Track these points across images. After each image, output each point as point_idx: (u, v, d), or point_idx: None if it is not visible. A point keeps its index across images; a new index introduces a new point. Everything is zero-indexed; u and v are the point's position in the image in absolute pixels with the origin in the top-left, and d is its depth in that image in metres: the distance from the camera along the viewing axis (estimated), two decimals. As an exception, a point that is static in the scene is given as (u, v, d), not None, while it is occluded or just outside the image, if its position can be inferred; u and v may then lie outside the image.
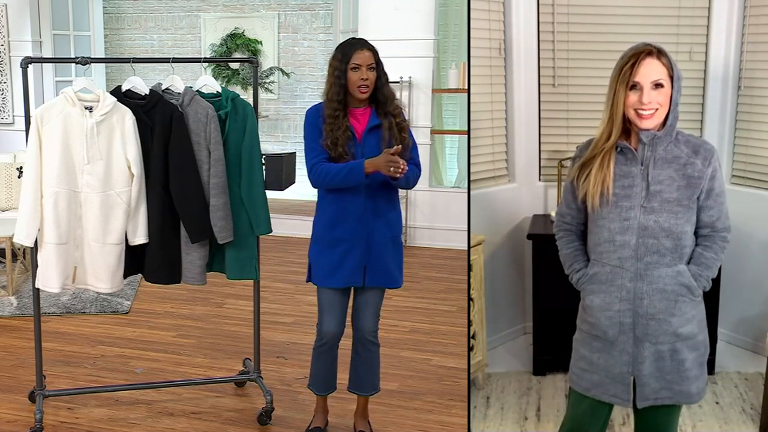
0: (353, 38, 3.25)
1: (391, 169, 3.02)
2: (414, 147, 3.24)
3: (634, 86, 2.36)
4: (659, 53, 2.37)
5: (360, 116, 3.20)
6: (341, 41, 3.27)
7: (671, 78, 2.37)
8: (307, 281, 3.35)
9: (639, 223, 2.41)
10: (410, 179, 3.17)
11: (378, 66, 3.16)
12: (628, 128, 2.45)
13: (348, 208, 3.18)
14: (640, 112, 2.37)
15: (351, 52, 3.13)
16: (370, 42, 3.18)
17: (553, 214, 4.18)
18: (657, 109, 2.37)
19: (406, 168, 3.06)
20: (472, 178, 4.16)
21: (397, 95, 3.30)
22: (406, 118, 3.26)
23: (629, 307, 2.46)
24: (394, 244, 3.27)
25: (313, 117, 3.20)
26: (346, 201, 3.18)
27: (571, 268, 2.61)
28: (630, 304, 2.46)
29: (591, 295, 2.53)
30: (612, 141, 2.43)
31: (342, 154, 3.13)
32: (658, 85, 2.35)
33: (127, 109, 3.38)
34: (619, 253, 2.45)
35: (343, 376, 3.48)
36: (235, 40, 10.63)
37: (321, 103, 3.22)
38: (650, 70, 2.35)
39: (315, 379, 3.45)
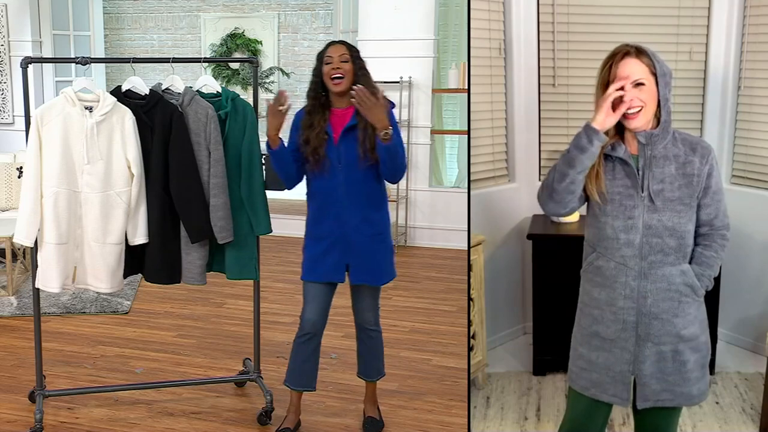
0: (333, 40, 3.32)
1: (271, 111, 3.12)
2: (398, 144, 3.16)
3: None
4: (638, 52, 2.37)
5: (341, 117, 3.21)
6: None
7: (654, 75, 2.36)
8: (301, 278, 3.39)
9: (643, 221, 2.41)
10: (392, 150, 3.07)
11: (354, 60, 3.18)
12: (624, 128, 2.45)
13: (326, 206, 3.24)
14: (626, 112, 2.37)
15: (326, 49, 3.22)
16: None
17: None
18: (642, 107, 2.37)
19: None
20: (472, 178, 4.16)
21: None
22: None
23: (633, 306, 2.45)
24: (379, 241, 3.27)
25: (296, 119, 3.29)
26: (324, 199, 3.24)
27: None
28: (634, 302, 2.45)
29: (597, 287, 2.51)
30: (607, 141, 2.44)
31: (314, 154, 3.17)
32: (638, 84, 2.35)
33: (127, 109, 3.38)
34: (623, 252, 2.44)
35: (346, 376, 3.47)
36: (235, 40, 10.65)
37: None
38: (628, 70, 2.35)
39: (291, 373, 3.43)
